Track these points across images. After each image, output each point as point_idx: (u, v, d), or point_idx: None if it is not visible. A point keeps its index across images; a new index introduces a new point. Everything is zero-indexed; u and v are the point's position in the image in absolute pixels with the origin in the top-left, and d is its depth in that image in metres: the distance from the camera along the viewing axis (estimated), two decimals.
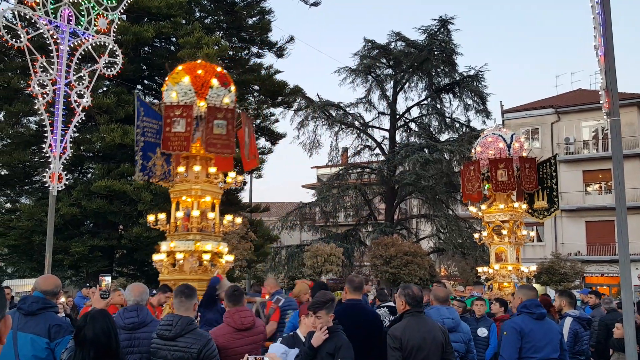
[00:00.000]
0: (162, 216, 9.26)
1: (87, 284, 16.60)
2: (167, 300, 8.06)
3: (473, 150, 15.65)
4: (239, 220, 9.89)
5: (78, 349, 3.95)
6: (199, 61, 9.73)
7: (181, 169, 9.08)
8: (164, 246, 9.06)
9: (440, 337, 5.13)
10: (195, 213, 9.04)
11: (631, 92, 35.04)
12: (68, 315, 10.33)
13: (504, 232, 14.72)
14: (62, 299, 10.95)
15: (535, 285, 22.78)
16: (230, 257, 9.46)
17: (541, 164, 15.30)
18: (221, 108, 8.93)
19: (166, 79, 9.50)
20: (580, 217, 34.95)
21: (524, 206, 14.98)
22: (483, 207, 15.24)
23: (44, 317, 4.89)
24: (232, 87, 9.37)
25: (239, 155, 10.24)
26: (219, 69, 9.46)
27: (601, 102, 5.99)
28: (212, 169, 9.20)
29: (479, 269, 15.82)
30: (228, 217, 9.54)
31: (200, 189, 9.04)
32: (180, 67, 9.39)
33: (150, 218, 9.38)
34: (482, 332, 8.38)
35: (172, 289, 8.38)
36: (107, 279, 7.24)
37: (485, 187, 15.13)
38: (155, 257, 9.16)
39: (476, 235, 16.05)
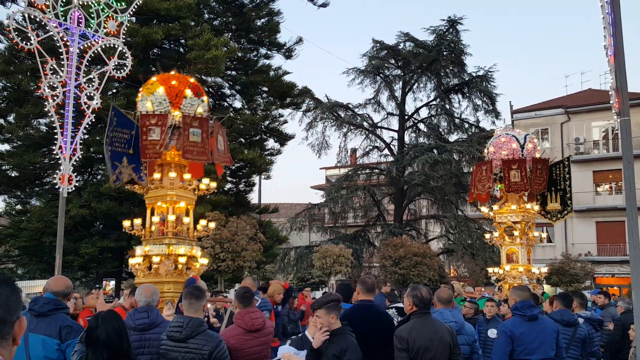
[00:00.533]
0: (137, 221, 9.68)
1: (97, 286, 16.69)
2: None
3: (486, 150, 15.59)
4: (212, 225, 10.29)
5: (90, 350, 3.96)
6: (172, 72, 10.10)
7: (157, 175, 9.49)
8: (139, 250, 9.47)
9: (448, 338, 5.11)
10: (171, 218, 9.45)
11: None
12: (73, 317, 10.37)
13: (516, 233, 14.66)
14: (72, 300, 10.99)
15: (545, 287, 22.69)
16: (205, 260, 9.90)
17: (554, 165, 15.21)
18: (195, 117, 9.36)
19: (140, 89, 9.86)
20: (590, 218, 34.76)
21: (536, 207, 14.91)
22: (495, 207, 15.18)
23: (55, 319, 4.89)
24: (205, 98, 9.77)
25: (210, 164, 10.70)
26: (192, 79, 9.84)
27: (611, 102, 5.97)
28: (187, 176, 9.59)
29: (490, 269, 15.77)
30: (202, 222, 9.97)
31: (176, 194, 9.46)
32: (154, 78, 9.77)
33: (126, 223, 9.79)
34: (492, 333, 8.34)
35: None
36: (112, 284, 7.36)
37: (497, 188, 15.07)
38: (132, 261, 9.55)
39: (487, 236, 16.00)
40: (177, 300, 8.06)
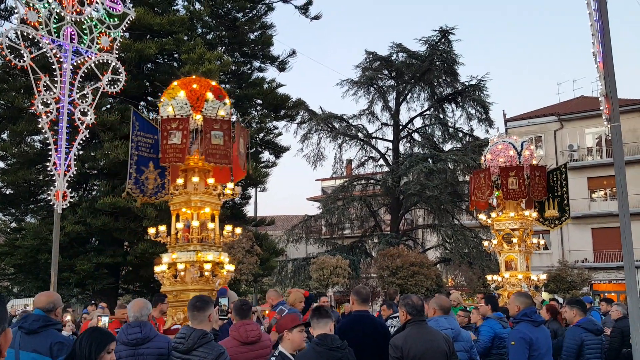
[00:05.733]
0: (162, 228, 9.44)
1: (93, 301, 16.57)
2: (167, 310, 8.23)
3: (483, 158, 15.64)
4: (238, 230, 10.00)
5: None
6: (193, 76, 9.95)
7: (180, 180, 9.29)
8: (166, 258, 9.22)
9: (444, 346, 5.08)
10: (195, 224, 9.21)
11: (634, 98, 35.00)
12: (75, 333, 10.29)
13: (514, 240, 14.69)
14: (68, 317, 10.92)
15: (543, 294, 22.68)
16: (231, 267, 9.60)
17: (551, 172, 15.28)
18: (217, 120, 9.19)
19: (162, 94, 9.75)
20: (586, 224, 34.80)
21: (534, 214, 14.96)
22: (493, 215, 15.21)
23: (46, 335, 4.87)
24: (227, 100, 9.60)
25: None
26: (213, 82, 9.68)
27: (601, 108, 6.01)
28: (211, 180, 9.37)
29: (489, 277, 15.77)
30: (228, 228, 9.69)
31: (199, 200, 9.24)
32: (175, 83, 9.66)
33: (151, 231, 9.57)
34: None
35: (167, 297, 8.57)
36: (104, 320, 7.27)
37: (495, 195, 15.11)
38: (157, 269, 9.31)
39: (486, 243, 16.02)
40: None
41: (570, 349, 6.70)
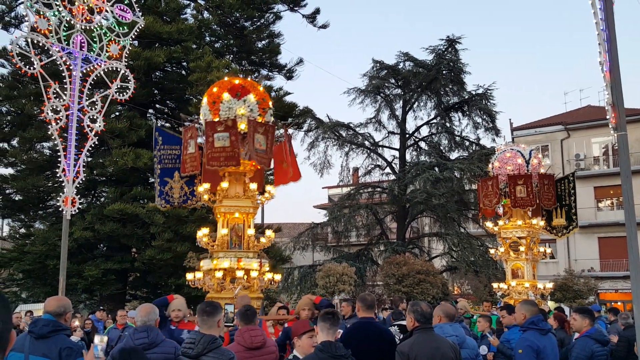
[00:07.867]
0: (205, 231, 9.24)
1: (101, 307, 16.63)
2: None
3: (490, 166, 15.63)
4: (270, 232, 9.83)
5: None
6: (225, 79, 9.70)
7: (201, 188, 9.09)
8: (205, 265, 9.05)
9: (450, 353, 5.09)
10: (205, 230, 9.13)
11: None
12: (83, 339, 10.32)
13: (521, 248, 14.66)
14: (77, 322, 10.97)
15: (550, 303, 22.62)
16: (253, 273, 9.26)
17: (559, 181, 15.26)
18: (220, 122, 8.77)
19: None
20: (592, 234, 34.69)
21: (542, 222, 14.93)
22: (500, 223, 15.20)
23: (55, 340, 4.90)
24: (251, 96, 9.06)
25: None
26: (236, 81, 9.32)
27: (608, 117, 6.03)
28: (225, 184, 9.09)
29: (495, 285, 15.73)
30: (249, 232, 9.44)
31: (223, 205, 9.02)
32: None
33: (200, 233, 9.34)
34: (483, 349, 8.35)
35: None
36: (104, 343, 7.17)
37: (502, 203, 15.09)
38: (189, 276, 9.15)
39: (492, 252, 16.00)
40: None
41: None
